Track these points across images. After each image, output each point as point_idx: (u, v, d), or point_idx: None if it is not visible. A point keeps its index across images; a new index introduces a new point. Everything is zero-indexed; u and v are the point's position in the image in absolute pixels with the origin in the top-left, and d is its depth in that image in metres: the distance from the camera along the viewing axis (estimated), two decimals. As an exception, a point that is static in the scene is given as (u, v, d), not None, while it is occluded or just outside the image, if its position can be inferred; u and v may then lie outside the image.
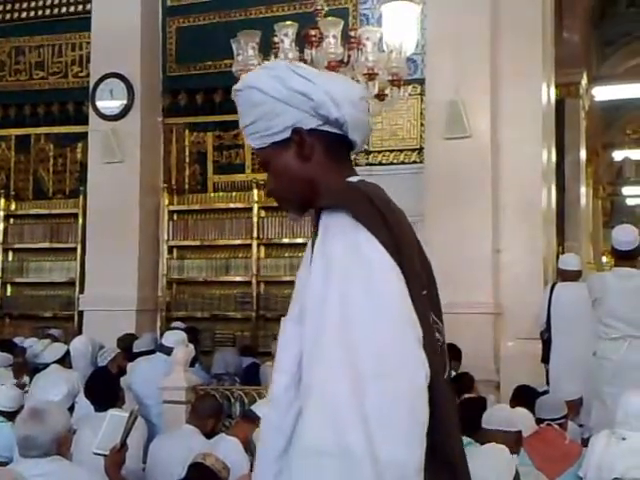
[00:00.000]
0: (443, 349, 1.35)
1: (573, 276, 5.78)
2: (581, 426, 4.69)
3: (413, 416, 1.09)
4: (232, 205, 8.06)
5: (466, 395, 4.71)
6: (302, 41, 4.57)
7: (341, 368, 1.09)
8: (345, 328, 1.13)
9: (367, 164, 7.43)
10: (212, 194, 8.20)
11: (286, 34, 4.48)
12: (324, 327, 1.15)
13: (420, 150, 7.17)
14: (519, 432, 3.35)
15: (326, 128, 1.39)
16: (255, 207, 7.95)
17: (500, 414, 3.41)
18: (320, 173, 1.39)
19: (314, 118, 1.37)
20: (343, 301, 1.16)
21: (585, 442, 4.16)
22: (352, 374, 1.09)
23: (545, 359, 5.68)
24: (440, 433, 1.17)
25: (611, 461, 3.24)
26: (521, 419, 3.52)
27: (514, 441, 3.26)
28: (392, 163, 7.40)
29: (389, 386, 1.09)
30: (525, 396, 4.51)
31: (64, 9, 8.53)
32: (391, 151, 7.41)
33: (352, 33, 4.73)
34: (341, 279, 1.18)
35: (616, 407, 3.54)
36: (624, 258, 4.74)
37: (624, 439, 3.30)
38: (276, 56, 4.55)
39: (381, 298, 1.16)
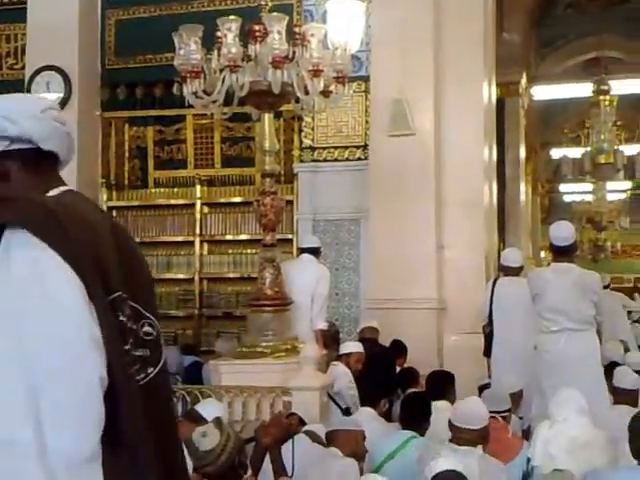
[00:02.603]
0: (155, 343, 1.47)
1: (514, 271, 5.87)
2: (521, 418, 4.77)
3: (85, 412, 1.26)
4: (174, 201, 7.96)
5: (411, 389, 4.75)
6: (246, 36, 4.52)
7: (15, 374, 1.25)
8: (20, 340, 1.26)
9: (312, 160, 7.42)
10: (153, 190, 8.07)
11: (229, 29, 4.42)
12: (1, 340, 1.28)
13: (365, 147, 7.19)
14: (484, 427, 3.38)
15: (16, 146, 1.47)
16: (198, 203, 7.86)
17: (464, 411, 3.43)
18: (21, 191, 1.47)
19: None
20: (20, 315, 1.28)
21: (525, 434, 4.24)
22: (27, 380, 1.25)
23: (487, 353, 5.77)
24: (123, 423, 1.33)
25: (555, 442, 3.34)
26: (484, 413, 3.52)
27: (477, 436, 3.31)
28: (337, 160, 7.40)
29: (62, 388, 1.25)
30: (438, 381, 4.58)
31: (-2, -1, 8.26)
32: (336, 148, 7.41)
33: (297, 29, 4.70)
34: (20, 292, 1.29)
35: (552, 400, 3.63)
36: (562, 253, 4.84)
37: (567, 419, 3.40)
38: (219, 51, 4.49)
39: (57, 308, 1.29)
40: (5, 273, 1.30)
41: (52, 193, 1.47)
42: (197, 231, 7.84)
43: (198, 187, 7.84)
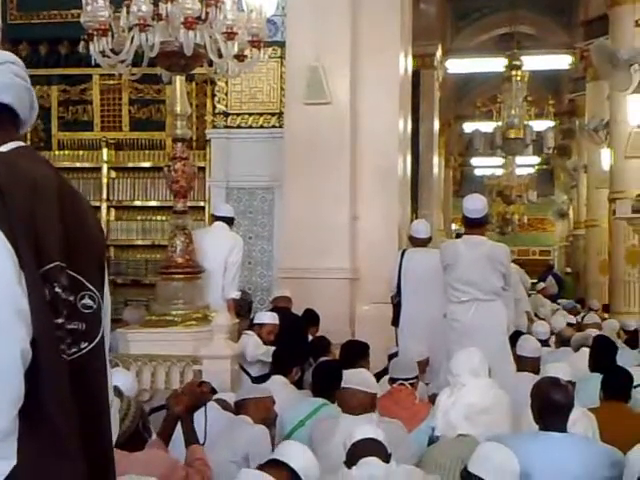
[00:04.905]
0: (94, 316, 1.41)
1: (422, 242, 5.95)
2: (427, 384, 4.88)
3: (2, 387, 1.20)
4: (79, 164, 7.73)
5: (322, 358, 4.77)
6: (157, -6, 4.34)
7: None
8: None
9: (225, 127, 7.29)
10: (57, 152, 7.78)
11: (140, -15, 4.24)
12: None
13: (280, 114, 7.11)
14: (375, 394, 3.44)
15: None
16: (105, 167, 7.63)
17: (360, 376, 3.50)
18: None
19: None
20: None
21: (432, 399, 4.33)
22: None
23: (395, 322, 5.84)
24: (45, 399, 1.28)
25: (454, 410, 3.41)
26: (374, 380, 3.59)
27: (370, 402, 3.37)
28: (251, 127, 7.30)
29: None
30: (352, 350, 4.67)
31: None
32: (250, 114, 7.30)
33: (210, -11, 4.54)
34: None
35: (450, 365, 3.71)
36: (474, 226, 4.93)
37: (464, 386, 3.48)
38: (128, 8, 4.30)
39: None
40: None
41: (1, 149, 1.39)
42: (104, 196, 7.64)
43: (105, 150, 7.61)
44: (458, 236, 7.31)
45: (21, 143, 1.43)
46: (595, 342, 4.96)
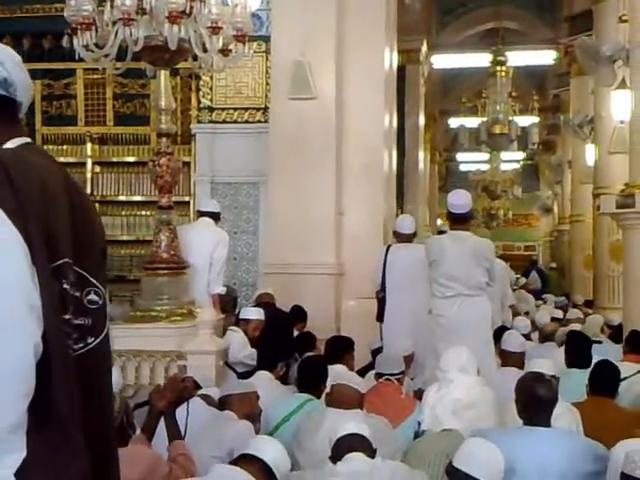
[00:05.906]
0: (99, 312, 1.43)
1: (407, 238, 5.95)
2: (412, 379, 4.89)
3: (10, 383, 1.19)
4: (63, 159, 7.69)
5: (307, 354, 4.78)
6: (141, -13, 4.31)
7: None
8: None
9: (210, 122, 7.26)
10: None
11: (123, -21, 4.20)
12: None
13: (265, 109, 7.09)
14: (363, 393, 3.47)
15: None
16: (89, 162, 7.60)
17: (347, 374, 3.55)
18: None
19: None
20: None
21: (417, 394, 4.35)
22: None
23: (380, 318, 5.84)
24: (53, 394, 1.28)
25: (441, 404, 3.43)
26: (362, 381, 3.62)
27: (359, 398, 3.40)
28: (236, 122, 7.28)
29: None
30: (337, 346, 4.70)
31: None
32: (235, 109, 7.28)
33: (194, -17, 4.52)
34: None
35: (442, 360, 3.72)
36: (458, 221, 4.94)
37: (452, 381, 3.50)
38: (112, 2, 4.27)
39: None
40: None
41: (9, 145, 1.39)
42: (88, 191, 7.61)
43: (89, 145, 7.58)
44: (440, 233, 7.33)
45: (27, 139, 1.44)
46: (569, 338, 4.93)
